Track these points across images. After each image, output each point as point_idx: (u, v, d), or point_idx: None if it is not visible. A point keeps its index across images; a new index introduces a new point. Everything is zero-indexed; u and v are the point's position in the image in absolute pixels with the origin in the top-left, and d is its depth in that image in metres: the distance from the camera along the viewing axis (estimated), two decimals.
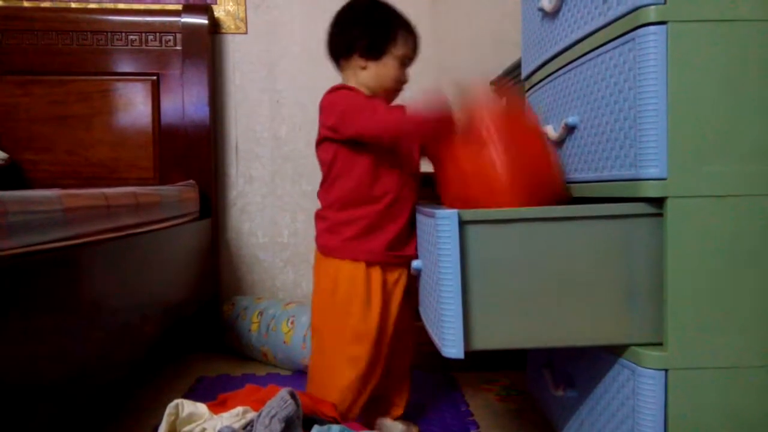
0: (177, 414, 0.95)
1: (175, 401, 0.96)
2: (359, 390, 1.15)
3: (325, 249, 1.20)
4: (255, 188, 2.11)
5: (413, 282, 1.18)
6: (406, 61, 1.26)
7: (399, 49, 1.22)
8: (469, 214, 0.78)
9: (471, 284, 0.78)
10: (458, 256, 0.76)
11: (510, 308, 0.78)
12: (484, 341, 0.79)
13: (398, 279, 1.20)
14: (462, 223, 0.77)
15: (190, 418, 0.95)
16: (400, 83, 1.27)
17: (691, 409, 0.73)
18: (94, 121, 1.95)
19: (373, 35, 1.21)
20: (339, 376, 1.15)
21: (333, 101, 1.18)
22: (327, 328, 1.19)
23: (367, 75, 1.23)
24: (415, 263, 1.01)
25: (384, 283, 1.17)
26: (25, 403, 0.84)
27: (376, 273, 1.17)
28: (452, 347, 0.77)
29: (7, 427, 0.80)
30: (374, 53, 1.22)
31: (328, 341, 1.19)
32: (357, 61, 1.22)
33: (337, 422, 1.01)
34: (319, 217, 1.24)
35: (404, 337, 1.25)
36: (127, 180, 1.92)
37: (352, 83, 1.23)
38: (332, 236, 1.19)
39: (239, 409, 0.97)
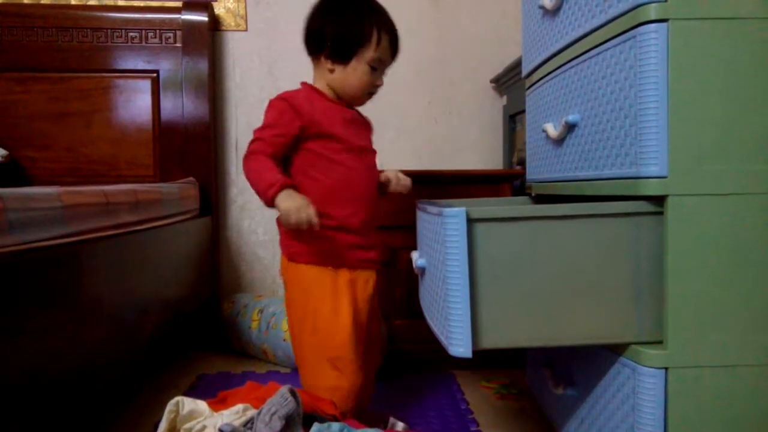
0: (177, 411, 0.94)
1: (176, 399, 0.95)
2: (348, 392, 1.13)
3: (291, 254, 1.16)
4: None
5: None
6: (378, 65, 1.15)
7: (370, 52, 1.12)
8: (477, 211, 0.77)
9: (478, 282, 0.78)
10: (466, 255, 0.76)
11: (517, 307, 0.78)
12: (492, 340, 0.79)
13: (368, 281, 1.17)
14: (469, 221, 0.77)
15: (191, 416, 0.95)
16: (371, 88, 1.17)
17: (691, 407, 0.73)
18: (94, 118, 1.94)
19: (342, 35, 1.12)
20: (324, 379, 1.12)
21: (266, 111, 1.15)
22: (304, 336, 1.15)
23: (333, 79, 1.15)
24: (418, 261, 1.00)
25: (352, 283, 1.14)
26: (25, 400, 0.84)
27: (344, 275, 1.14)
28: (459, 346, 0.77)
29: (8, 426, 0.80)
30: (341, 56, 1.13)
31: (307, 348, 1.15)
32: (324, 63, 1.15)
33: (336, 420, 1.01)
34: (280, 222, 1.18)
35: (375, 341, 1.24)
36: (127, 177, 1.92)
37: (319, 84, 1.18)
38: (297, 242, 1.14)
39: (239, 406, 0.96)
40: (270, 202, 1.05)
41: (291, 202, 1.03)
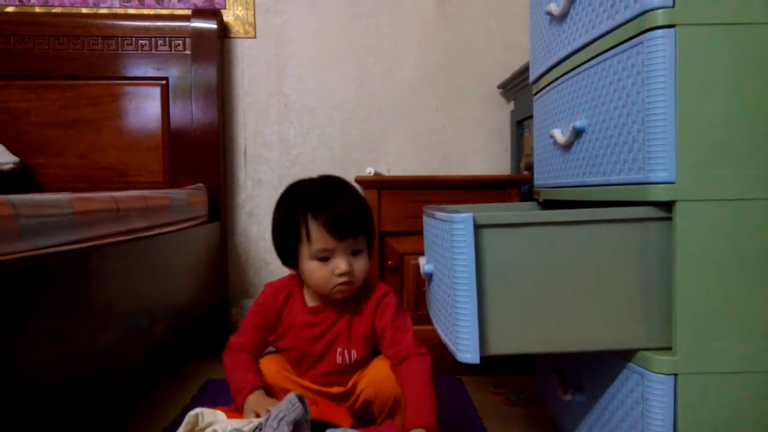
0: (196, 423, 0.95)
1: (195, 410, 0.95)
2: None
3: None
4: (263, 192, 2.11)
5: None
6: (328, 254, 1.03)
7: (306, 248, 1.04)
8: (484, 217, 0.77)
9: (486, 288, 0.78)
10: (473, 260, 0.76)
11: (525, 313, 0.78)
12: (500, 346, 0.79)
13: None
14: (477, 227, 0.77)
15: (209, 426, 0.96)
16: (335, 280, 1.04)
17: (701, 414, 0.73)
18: (105, 125, 1.96)
19: (277, 242, 1.11)
20: None
21: None
22: None
23: (304, 280, 1.11)
24: (425, 267, 1.00)
25: None
26: (35, 403, 0.85)
27: None
28: (467, 352, 0.77)
29: (18, 428, 0.80)
30: (288, 262, 1.10)
31: None
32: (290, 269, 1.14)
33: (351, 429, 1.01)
34: None
35: None
36: (136, 183, 1.94)
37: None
38: None
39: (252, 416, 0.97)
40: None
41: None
